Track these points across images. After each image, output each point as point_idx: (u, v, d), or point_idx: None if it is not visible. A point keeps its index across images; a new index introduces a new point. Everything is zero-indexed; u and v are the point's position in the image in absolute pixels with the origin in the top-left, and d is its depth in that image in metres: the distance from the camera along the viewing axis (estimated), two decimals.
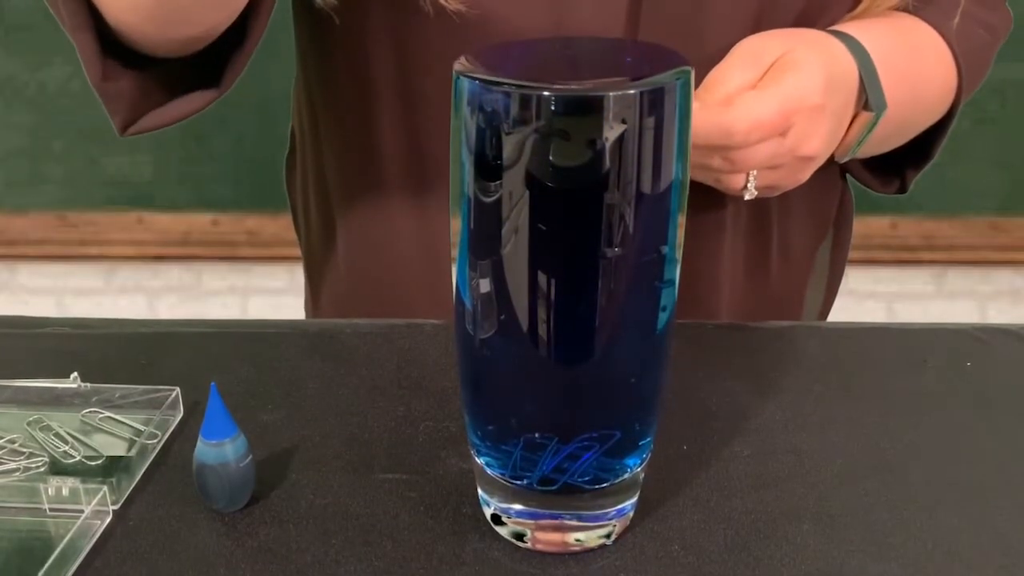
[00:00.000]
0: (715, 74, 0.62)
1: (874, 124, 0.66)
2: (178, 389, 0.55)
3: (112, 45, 0.61)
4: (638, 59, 0.44)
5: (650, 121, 0.39)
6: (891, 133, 0.70)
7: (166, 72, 0.63)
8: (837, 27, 0.67)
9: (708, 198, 0.67)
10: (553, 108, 0.38)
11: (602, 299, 0.40)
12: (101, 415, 0.54)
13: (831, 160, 0.68)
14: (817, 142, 0.62)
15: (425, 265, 0.71)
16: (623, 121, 0.38)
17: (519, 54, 0.44)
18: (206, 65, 0.63)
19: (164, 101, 0.63)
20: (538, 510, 0.45)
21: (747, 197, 0.64)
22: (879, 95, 0.65)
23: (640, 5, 0.63)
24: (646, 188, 0.39)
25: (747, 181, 0.63)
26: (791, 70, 0.60)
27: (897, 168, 0.77)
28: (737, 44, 0.63)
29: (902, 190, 0.78)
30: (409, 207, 0.71)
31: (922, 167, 0.76)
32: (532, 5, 0.63)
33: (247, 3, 0.59)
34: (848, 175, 0.80)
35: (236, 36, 0.62)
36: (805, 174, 0.64)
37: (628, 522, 0.47)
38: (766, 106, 0.59)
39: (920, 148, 0.74)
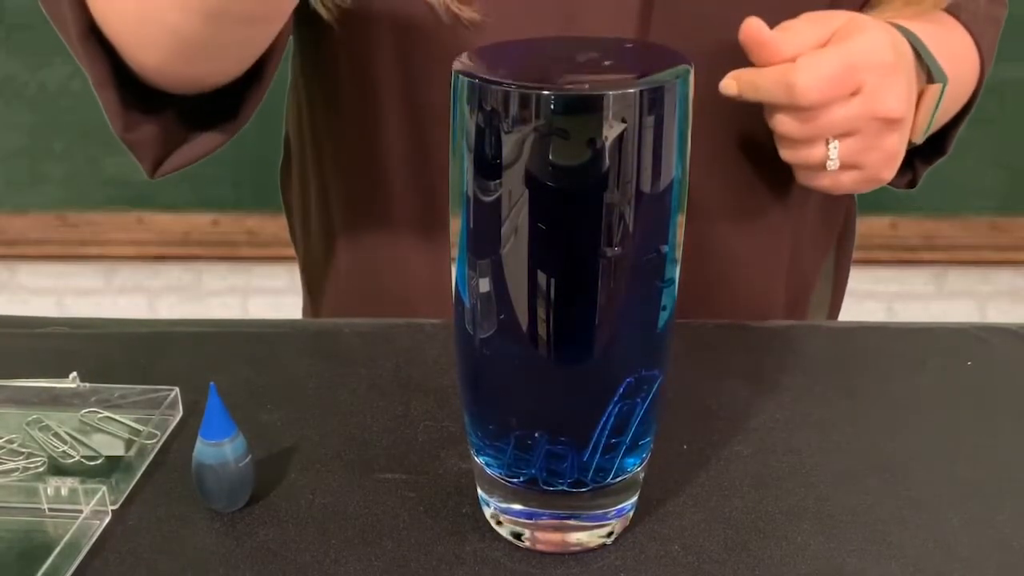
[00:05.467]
0: (781, 34, 0.59)
1: (941, 95, 0.63)
2: (177, 389, 0.55)
3: (132, 87, 0.62)
4: (638, 58, 0.44)
5: (650, 120, 0.38)
6: (947, 109, 0.68)
7: (185, 109, 0.64)
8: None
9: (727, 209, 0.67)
10: (553, 107, 0.38)
11: (602, 299, 0.40)
12: (100, 415, 0.54)
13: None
14: (894, 100, 0.59)
15: (433, 281, 0.70)
16: (623, 120, 0.38)
17: (518, 53, 0.44)
18: (223, 98, 0.64)
19: (186, 137, 0.64)
20: (538, 510, 0.45)
21: (830, 168, 0.61)
22: (938, 66, 0.63)
23: (652, 8, 0.63)
24: (646, 187, 0.39)
25: (828, 149, 0.60)
26: (857, 31, 0.59)
27: (908, 160, 0.74)
28: (804, 13, 0.61)
29: (912, 184, 0.76)
30: (415, 224, 0.70)
31: (934, 160, 0.74)
32: (543, 12, 0.62)
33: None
34: None
35: (252, 68, 0.62)
36: (890, 143, 0.61)
37: (628, 522, 0.47)
38: (830, 61, 0.58)
39: (932, 140, 0.72)
